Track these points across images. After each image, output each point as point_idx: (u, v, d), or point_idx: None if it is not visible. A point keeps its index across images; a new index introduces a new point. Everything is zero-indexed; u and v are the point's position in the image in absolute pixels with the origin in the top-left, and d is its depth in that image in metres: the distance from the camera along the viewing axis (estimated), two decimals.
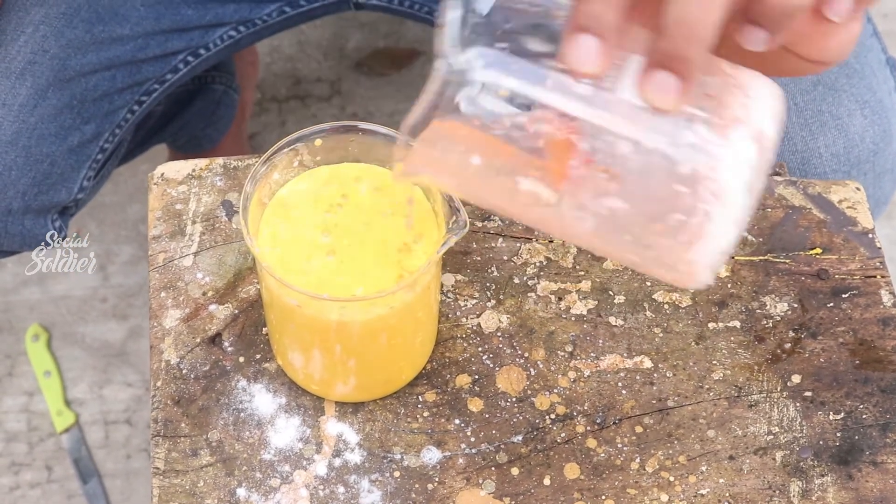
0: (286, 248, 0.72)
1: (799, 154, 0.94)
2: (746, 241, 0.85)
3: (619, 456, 0.77)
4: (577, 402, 0.79)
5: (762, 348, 0.81)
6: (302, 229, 0.72)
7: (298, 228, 0.72)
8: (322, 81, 1.72)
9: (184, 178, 0.86)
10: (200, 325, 0.80)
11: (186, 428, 0.77)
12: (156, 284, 0.82)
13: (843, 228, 0.86)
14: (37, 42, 0.97)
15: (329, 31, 1.76)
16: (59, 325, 1.53)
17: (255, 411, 0.78)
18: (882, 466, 0.77)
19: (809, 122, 0.94)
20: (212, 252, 0.83)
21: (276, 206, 0.73)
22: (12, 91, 0.95)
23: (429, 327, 0.78)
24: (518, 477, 0.76)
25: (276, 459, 0.76)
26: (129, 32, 1.01)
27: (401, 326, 0.74)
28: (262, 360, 0.79)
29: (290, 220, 0.73)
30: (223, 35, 1.08)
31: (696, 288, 0.75)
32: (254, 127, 1.67)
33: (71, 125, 0.98)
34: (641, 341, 0.81)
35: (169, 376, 0.79)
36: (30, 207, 0.98)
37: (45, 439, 1.46)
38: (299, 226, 0.72)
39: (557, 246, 0.84)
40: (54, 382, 1.47)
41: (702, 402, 0.79)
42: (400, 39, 1.75)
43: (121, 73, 1.02)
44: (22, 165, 0.96)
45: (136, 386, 1.48)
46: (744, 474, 0.76)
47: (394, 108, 1.70)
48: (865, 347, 0.81)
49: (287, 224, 0.72)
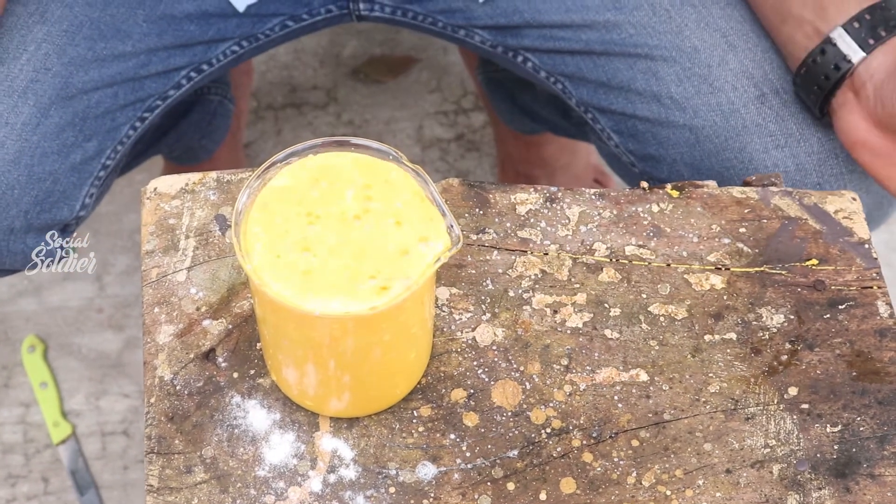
0: (272, 261, 0.70)
1: (815, 155, 0.94)
2: (742, 252, 0.85)
3: (615, 470, 0.77)
4: (572, 415, 0.78)
5: (758, 360, 0.80)
6: (287, 239, 0.71)
7: (283, 240, 0.71)
8: (318, 89, 1.72)
9: (177, 192, 0.86)
10: (194, 341, 0.80)
11: (180, 445, 0.77)
12: (149, 300, 0.82)
13: (839, 239, 0.85)
14: (39, 60, 0.96)
15: (325, 38, 1.76)
16: (55, 335, 1.52)
17: (250, 427, 0.78)
18: (880, 479, 0.76)
19: (825, 123, 0.94)
20: (205, 267, 0.83)
21: (262, 210, 0.72)
22: (15, 110, 0.95)
23: (423, 342, 0.77)
24: (514, 492, 0.76)
25: (270, 476, 0.76)
26: (131, 49, 1.01)
27: (395, 342, 0.73)
28: (256, 376, 0.79)
29: (274, 227, 0.71)
30: (226, 50, 1.08)
31: None
32: (250, 136, 1.67)
33: (73, 143, 0.98)
34: (637, 354, 0.81)
35: (162, 392, 0.78)
36: (32, 226, 0.98)
37: (42, 451, 1.45)
38: (284, 237, 0.71)
39: (552, 258, 0.84)
40: (50, 393, 1.47)
41: (698, 416, 0.78)
42: (396, 47, 1.75)
43: (123, 89, 1.01)
44: (24, 184, 0.96)
45: (133, 397, 1.48)
46: (741, 488, 0.76)
47: (390, 115, 1.69)
48: (862, 359, 0.81)
49: (271, 234, 0.71)
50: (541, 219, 0.86)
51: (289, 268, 0.70)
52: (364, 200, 0.72)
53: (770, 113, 0.95)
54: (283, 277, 0.70)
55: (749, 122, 0.95)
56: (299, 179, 0.73)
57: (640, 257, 0.84)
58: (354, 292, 0.69)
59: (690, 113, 0.97)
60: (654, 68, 0.98)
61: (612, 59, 1.00)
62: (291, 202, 0.72)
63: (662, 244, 0.85)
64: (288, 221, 0.71)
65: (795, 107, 0.95)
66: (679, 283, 0.83)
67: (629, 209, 0.86)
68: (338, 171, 0.73)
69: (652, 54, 0.98)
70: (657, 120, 0.98)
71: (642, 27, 0.99)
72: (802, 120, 0.94)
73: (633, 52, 0.99)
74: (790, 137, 0.94)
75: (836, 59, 0.88)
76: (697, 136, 0.97)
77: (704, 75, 0.96)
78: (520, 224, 0.86)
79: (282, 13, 1.09)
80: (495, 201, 0.87)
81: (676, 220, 0.86)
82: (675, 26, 0.98)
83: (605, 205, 0.87)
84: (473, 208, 0.86)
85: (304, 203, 0.72)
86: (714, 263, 0.84)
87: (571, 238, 0.85)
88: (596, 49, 1.00)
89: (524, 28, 1.04)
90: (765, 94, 0.95)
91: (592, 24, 1.00)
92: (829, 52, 0.89)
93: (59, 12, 0.98)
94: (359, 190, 0.73)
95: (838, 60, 0.88)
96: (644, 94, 0.99)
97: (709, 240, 0.85)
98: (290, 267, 0.70)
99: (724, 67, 0.96)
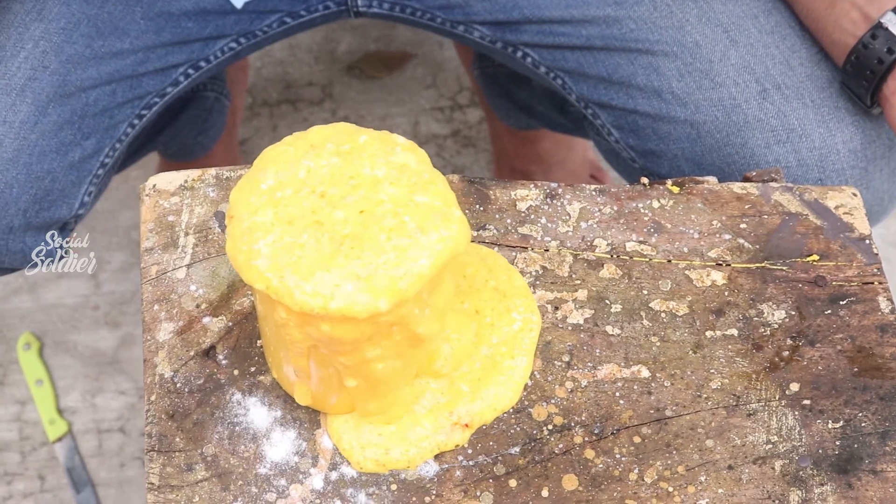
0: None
1: (817, 150, 0.94)
2: (743, 248, 0.84)
3: (617, 467, 0.76)
4: (574, 412, 0.78)
5: (760, 356, 0.80)
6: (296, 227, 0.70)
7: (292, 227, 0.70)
8: (313, 85, 1.71)
9: (176, 189, 0.86)
10: (194, 338, 0.80)
11: (181, 442, 0.76)
12: (149, 297, 0.81)
13: (839, 234, 0.85)
14: (37, 58, 0.96)
15: (320, 34, 1.75)
16: (50, 333, 1.52)
17: (251, 425, 0.77)
18: (882, 475, 0.76)
19: (827, 119, 0.94)
20: (205, 264, 0.83)
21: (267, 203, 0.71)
22: (12, 108, 0.95)
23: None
24: (516, 489, 0.76)
25: (271, 473, 0.76)
26: (129, 46, 1.01)
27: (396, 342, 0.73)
28: (256, 373, 0.79)
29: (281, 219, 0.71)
30: (224, 47, 1.07)
31: None
32: (245, 132, 1.66)
33: (72, 141, 0.98)
34: (639, 350, 0.80)
35: (163, 390, 0.78)
36: (31, 224, 0.97)
37: (38, 448, 1.45)
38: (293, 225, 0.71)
39: (553, 255, 0.84)
40: (46, 391, 1.47)
41: (700, 412, 0.78)
42: (391, 42, 1.74)
43: (121, 87, 1.01)
44: (23, 182, 0.95)
45: (129, 394, 1.48)
46: (743, 484, 0.76)
47: (385, 111, 1.69)
48: (864, 355, 0.80)
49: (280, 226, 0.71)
50: (541, 215, 0.85)
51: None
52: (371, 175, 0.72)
53: (771, 108, 0.95)
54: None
55: (750, 118, 0.95)
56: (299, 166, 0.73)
57: (640, 253, 0.84)
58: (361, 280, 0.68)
59: (691, 108, 0.96)
60: (655, 63, 0.98)
61: (613, 55, 1.00)
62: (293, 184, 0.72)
63: (663, 240, 0.85)
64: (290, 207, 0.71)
65: (797, 102, 0.94)
66: (680, 280, 0.83)
67: (630, 205, 0.86)
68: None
69: (653, 49, 0.98)
70: (658, 115, 0.98)
71: (643, 22, 0.98)
72: (804, 115, 0.94)
73: (634, 48, 0.98)
74: (791, 133, 0.94)
75: (890, 43, 0.88)
76: (698, 131, 0.97)
77: (706, 70, 0.96)
78: (520, 220, 0.85)
79: (280, 10, 1.09)
80: (495, 197, 0.86)
81: (677, 216, 0.86)
82: (677, 21, 0.98)
83: (605, 201, 0.86)
84: (473, 205, 0.86)
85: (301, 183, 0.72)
86: (715, 259, 0.84)
87: (572, 234, 0.85)
88: (596, 44, 1.00)
89: (524, 23, 1.04)
90: (766, 89, 0.95)
91: (593, 19, 1.00)
92: (880, 36, 0.88)
93: (56, 10, 0.98)
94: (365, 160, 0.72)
95: (891, 44, 0.87)
96: (645, 90, 0.98)
97: (709, 236, 0.85)
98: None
99: (726, 63, 0.96)
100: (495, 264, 0.82)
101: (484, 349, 0.79)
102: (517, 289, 0.81)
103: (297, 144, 0.72)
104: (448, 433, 0.76)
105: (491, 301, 0.80)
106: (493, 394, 0.77)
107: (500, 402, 0.77)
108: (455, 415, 0.76)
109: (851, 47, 0.90)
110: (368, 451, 0.75)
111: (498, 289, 0.81)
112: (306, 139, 0.73)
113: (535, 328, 0.80)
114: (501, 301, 0.80)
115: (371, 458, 0.75)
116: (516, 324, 0.80)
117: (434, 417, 0.76)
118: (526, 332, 0.79)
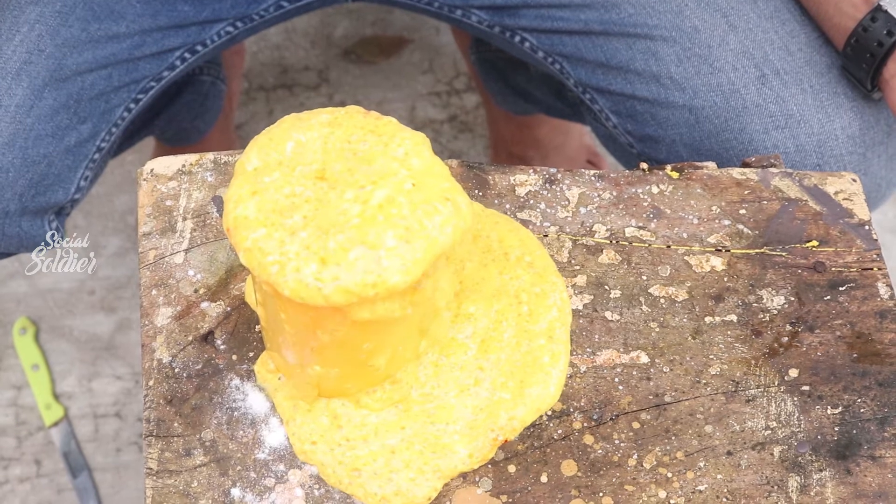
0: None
1: (815, 136, 0.94)
2: (742, 233, 0.84)
3: (616, 452, 0.76)
4: (573, 398, 0.78)
5: (759, 342, 0.80)
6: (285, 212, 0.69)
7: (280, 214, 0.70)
8: (310, 70, 1.71)
9: (174, 173, 0.85)
10: (192, 323, 0.80)
11: (179, 427, 0.76)
12: (146, 282, 0.81)
13: (839, 220, 0.85)
14: (32, 41, 0.95)
15: (316, 18, 1.75)
16: (46, 318, 1.52)
17: (249, 410, 0.77)
18: (880, 461, 0.76)
19: (826, 105, 0.94)
20: (203, 249, 0.82)
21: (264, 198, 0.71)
22: (8, 92, 0.94)
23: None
24: (515, 474, 0.75)
25: (270, 458, 0.76)
26: (125, 30, 1.00)
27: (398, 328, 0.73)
28: (255, 358, 0.79)
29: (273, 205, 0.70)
30: (220, 31, 1.07)
31: None
32: (241, 117, 1.66)
33: (68, 125, 0.97)
34: (638, 336, 0.80)
35: (161, 375, 0.78)
36: (27, 209, 0.97)
37: (34, 433, 1.45)
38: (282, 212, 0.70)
39: (552, 240, 0.84)
40: (42, 376, 1.46)
41: (699, 398, 0.78)
42: (388, 27, 1.74)
43: (117, 71, 1.01)
44: (19, 167, 0.95)
45: (126, 379, 1.47)
46: (742, 470, 0.76)
47: (382, 96, 1.68)
48: (863, 341, 0.80)
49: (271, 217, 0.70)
50: (540, 200, 0.85)
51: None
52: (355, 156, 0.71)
53: (770, 94, 0.94)
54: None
55: (749, 103, 0.95)
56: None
57: (640, 239, 0.84)
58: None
59: (690, 93, 0.96)
60: (654, 48, 0.97)
61: (611, 39, 0.99)
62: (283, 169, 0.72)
63: (662, 226, 0.85)
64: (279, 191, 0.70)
65: (796, 88, 0.94)
66: (679, 265, 0.83)
67: (629, 190, 0.86)
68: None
69: (651, 34, 0.97)
70: (656, 100, 0.98)
71: (641, 7, 0.98)
72: (802, 101, 0.94)
73: (633, 32, 0.98)
74: (790, 118, 0.94)
75: (889, 26, 0.87)
76: (697, 116, 0.96)
77: (704, 55, 0.96)
78: (519, 205, 0.85)
79: None
80: (494, 183, 0.86)
81: (676, 201, 0.86)
82: (675, 6, 0.97)
83: (604, 186, 0.86)
84: (472, 189, 0.86)
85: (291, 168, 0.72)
86: (714, 245, 0.84)
87: (571, 219, 0.85)
88: (595, 29, 1.00)
89: (522, 8, 1.04)
90: (765, 74, 0.95)
91: (591, 4, 1.00)
92: (879, 18, 0.88)
93: None
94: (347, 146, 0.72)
95: (891, 26, 0.87)
96: (643, 75, 0.98)
97: (709, 221, 0.85)
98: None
99: (725, 48, 0.96)
100: (527, 236, 0.81)
101: (525, 344, 0.78)
102: (549, 267, 0.80)
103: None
104: (481, 451, 0.75)
105: (528, 281, 0.79)
106: (536, 394, 0.76)
107: (542, 402, 0.76)
108: (496, 430, 0.75)
109: (851, 30, 0.90)
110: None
111: (533, 265, 0.80)
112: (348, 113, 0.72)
113: (568, 312, 0.78)
114: (538, 282, 0.79)
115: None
116: (553, 311, 0.78)
117: (469, 440, 0.75)
118: (562, 318, 0.78)
